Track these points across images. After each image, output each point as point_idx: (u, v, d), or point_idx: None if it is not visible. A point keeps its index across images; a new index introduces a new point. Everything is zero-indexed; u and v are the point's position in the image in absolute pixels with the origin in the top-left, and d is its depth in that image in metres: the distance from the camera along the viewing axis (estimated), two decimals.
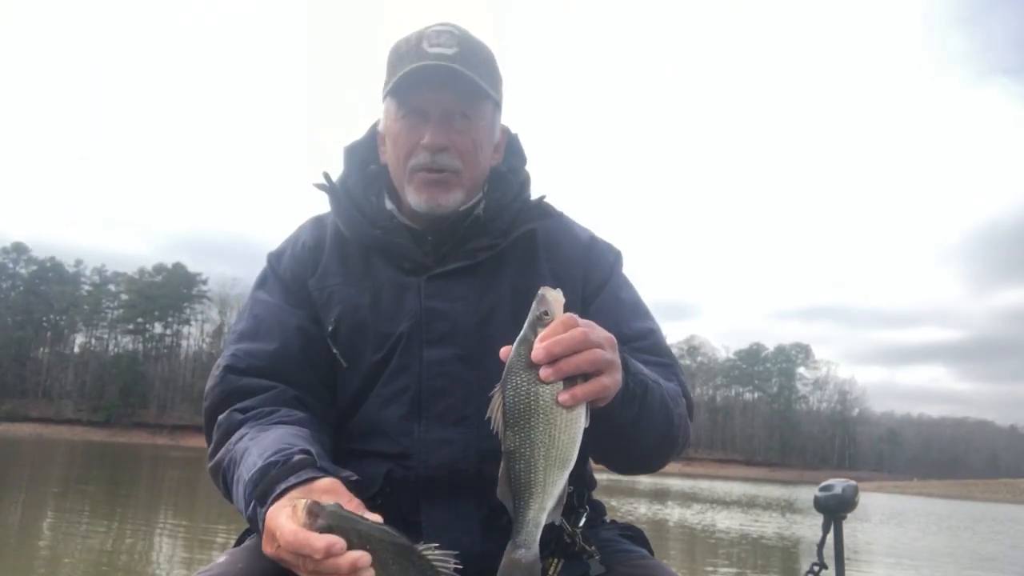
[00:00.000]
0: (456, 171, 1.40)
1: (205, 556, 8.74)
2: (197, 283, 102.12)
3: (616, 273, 1.53)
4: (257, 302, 1.46)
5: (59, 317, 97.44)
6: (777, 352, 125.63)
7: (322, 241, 1.49)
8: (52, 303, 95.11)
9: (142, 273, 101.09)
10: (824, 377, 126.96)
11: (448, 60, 1.36)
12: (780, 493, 40.11)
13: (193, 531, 11.42)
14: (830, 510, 1.94)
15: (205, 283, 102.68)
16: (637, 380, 1.21)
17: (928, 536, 18.69)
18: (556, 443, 1.03)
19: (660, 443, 1.34)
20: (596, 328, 1.09)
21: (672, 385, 1.37)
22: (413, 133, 1.39)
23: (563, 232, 1.52)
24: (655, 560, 1.41)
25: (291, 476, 1.10)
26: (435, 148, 1.38)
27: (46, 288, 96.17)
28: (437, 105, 1.38)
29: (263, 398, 1.33)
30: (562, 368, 1.02)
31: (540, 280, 1.40)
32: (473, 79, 1.36)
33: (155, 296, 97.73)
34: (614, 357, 1.11)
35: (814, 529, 10.77)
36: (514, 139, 1.55)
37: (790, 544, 15.14)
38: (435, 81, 1.36)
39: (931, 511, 32.62)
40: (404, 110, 1.40)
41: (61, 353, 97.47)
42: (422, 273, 1.41)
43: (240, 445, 1.24)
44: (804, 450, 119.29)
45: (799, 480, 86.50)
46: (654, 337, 1.47)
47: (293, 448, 1.16)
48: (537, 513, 1.05)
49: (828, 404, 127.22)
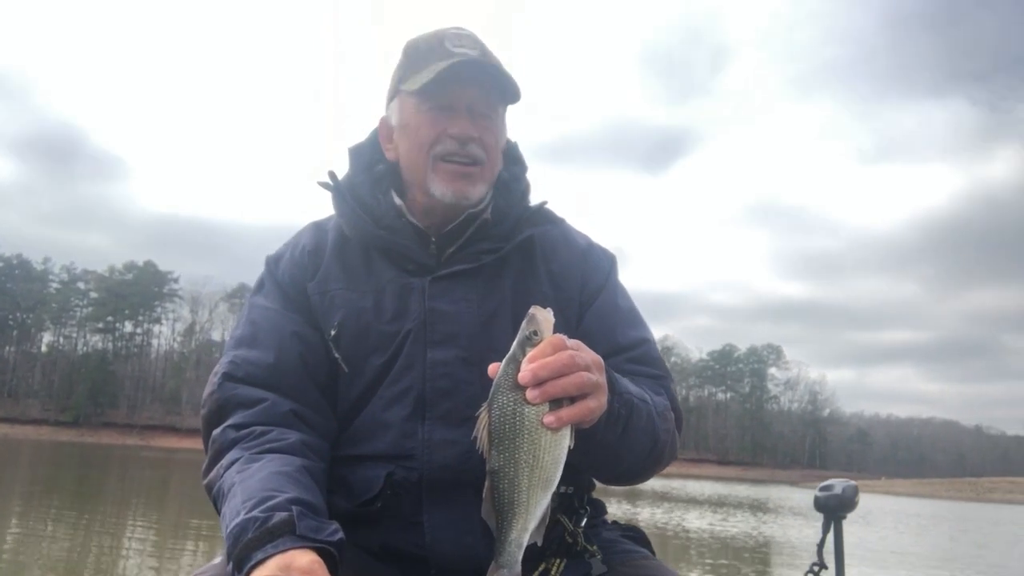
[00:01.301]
0: (482, 163, 1.42)
1: (175, 564, 8.64)
2: (168, 281, 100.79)
3: (612, 279, 1.55)
4: (254, 307, 1.46)
5: (26, 315, 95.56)
6: (749, 353, 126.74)
7: (322, 245, 1.50)
8: (19, 301, 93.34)
9: (112, 271, 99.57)
10: (795, 378, 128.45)
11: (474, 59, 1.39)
12: (751, 492, 40.54)
13: (163, 535, 11.28)
14: (830, 510, 1.93)
15: (176, 281, 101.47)
16: (623, 400, 1.23)
17: (897, 535, 19.00)
18: (540, 464, 1.04)
19: (645, 460, 1.35)
20: (584, 349, 1.10)
21: (661, 399, 1.39)
22: (437, 123, 1.40)
23: (561, 238, 1.54)
24: (657, 560, 1.43)
25: (267, 544, 1.07)
26: (465, 138, 1.40)
27: (12, 286, 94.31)
28: (463, 100, 1.40)
29: (258, 412, 1.33)
30: (548, 391, 1.03)
31: (539, 285, 1.46)
32: (506, 74, 1.40)
33: (125, 294, 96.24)
34: (600, 379, 1.11)
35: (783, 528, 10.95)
36: (514, 147, 1.57)
37: (760, 543, 15.35)
38: (465, 77, 1.39)
39: (898, 510, 33.16)
40: (428, 104, 1.41)
41: (28, 352, 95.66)
42: (425, 274, 1.42)
43: (228, 476, 1.24)
44: (775, 450, 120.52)
45: (770, 479, 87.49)
46: (646, 347, 1.49)
47: (277, 498, 1.14)
48: (520, 533, 1.06)
49: (799, 404, 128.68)
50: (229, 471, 1.25)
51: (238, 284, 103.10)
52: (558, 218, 1.56)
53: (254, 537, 1.08)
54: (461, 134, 1.40)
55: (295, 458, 1.27)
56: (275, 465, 1.23)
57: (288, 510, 1.12)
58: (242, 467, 1.24)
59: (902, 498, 54.81)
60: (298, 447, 1.30)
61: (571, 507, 1.42)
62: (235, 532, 1.11)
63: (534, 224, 1.49)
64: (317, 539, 1.10)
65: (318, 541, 1.09)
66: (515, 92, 1.44)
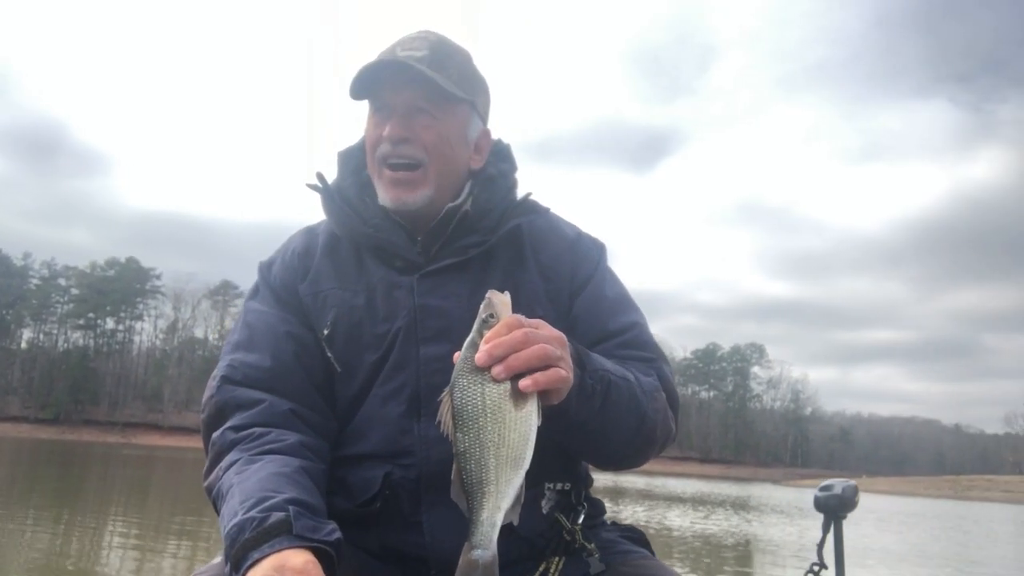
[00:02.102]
0: (419, 163, 1.42)
1: (155, 564, 8.60)
2: (151, 278, 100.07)
3: (601, 267, 1.55)
4: (250, 311, 1.49)
5: (6, 311, 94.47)
6: (732, 352, 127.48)
7: (313, 248, 1.52)
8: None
9: (93, 267, 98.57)
10: (778, 376, 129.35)
11: (415, 61, 1.40)
12: (733, 491, 40.81)
13: (145, 534, 11.20)
14: (830, 510, 1.93)
15: (159, 278, 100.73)
16: (597, 376, 1.23)
17: (881, 533, 19.19)
18: (506, 442, 1.05)
19: (634, 439, 1.35)
20: (544, 327, 1.11)
21: (650, 380, 1.39)
22: (378, 127, 1.43)
23: (550, 228, 1.55)
24: (657, 560, 1.44)
25: (264, 544, 1.08)
26: (395, 139, 1.41)
27: None
28: (400, 101, 1.42)
29: (257, 413, 1.35)
30: (512, 364, 1.04)
31: (528, 276, 1.47)
32: (429, 76, 1.39)
33: (107, 291, 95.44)
34: (563, 353, 1.12)
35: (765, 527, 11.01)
36: (505, 148, 1.59)
37: (741, 541, 15.45)
38: (396, 79, 1.41)
39: (878, 508, 33.48)
40: (373, 107, 1.45)
41: (7, 348, 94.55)
42: (414, 272, 1.43)
43: (227, 477, 1.25)
44: (758, 448, 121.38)
45: (753, 477, 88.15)
46: (637, 330, 1.49)
47: (274, 498, 1.15)
48: (492, 513, 1.05)
49: (781, 403, 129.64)
50: (228, 472, 1.26)
51: (221, 281, 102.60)
52: (544, 208, 1.56)
53: (251, 537, 1.09)
54: (391, 135, 1.41)
55: (294, 459, 1.28)
56: (273, 466, 1.24)
57: (285, 510, 1.13)
58: (241, 468, 1.25)
59: (883, 496, 55.33)
60: (297, 448, 1.31)
61: (568, 505, 1.43)
62: (232, 532, 1.12)
63: (519, 215, 1.49)
64: (314, 539, 1.10)
65: (315, 541, 1.10)
66: (441, 90, 1.40)
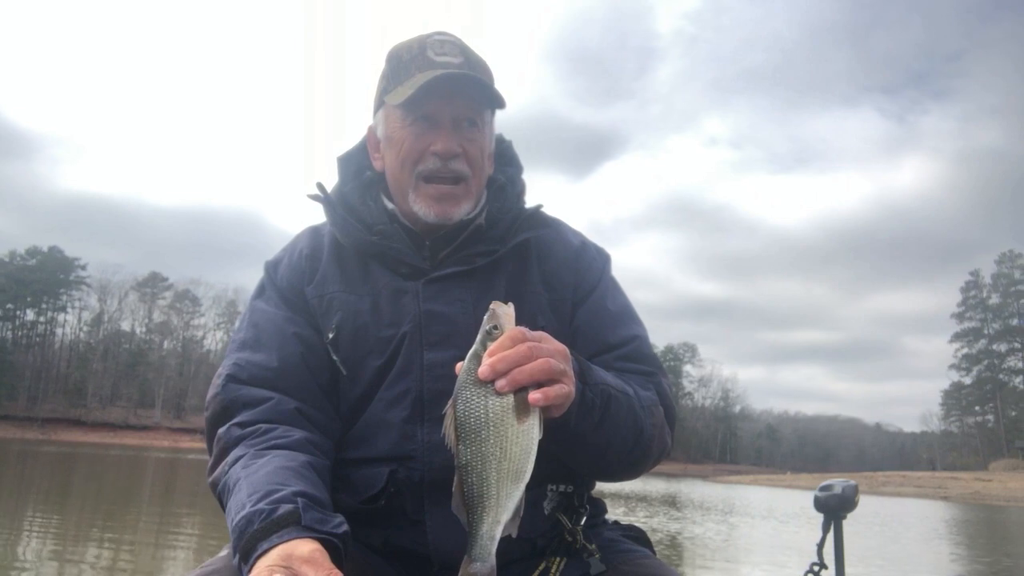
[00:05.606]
0: (466, 178, 1.43)
1: (76, 569, 8.40)
2: (75, 268, 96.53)
3: (605, 278, 1.56)
4: (256, 311, 1.50)
5: None
6: (666, 351, 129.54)
7: (319, 249, 1.52)
8: None
9: (13, 256, 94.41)
10: (709, 375, 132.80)
11: (456, 68, 1.40)
12: (664, 487, 41.67)
13: (64, 535, 10.88)
14: (830, 510, 1.92)
15: (84, 268, 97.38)
16: (597, 390, 1.25)
17: (804, 530, 19.77)
18: (508, 455, 1.05)
19: (631, 453, 1.36)
20: (547, 340, 1.12)
21: (648, 394, 1.40)
22: (421, 139, 1.41)
23: (555, 238, 1.56)
24: (658, 560, 1.46)
25: (273, 535, 1.09)
26: (448, 155, 1.41)
27: None
28: (447, 112, 1.41)
29: (263, 410, 1.36)
30: (516, 378, 1.05)
31: (533, 286, 1.48)
32: (487, 85, 1.41)
33: (28, 280, 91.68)
34: (566, 367, 1.13)
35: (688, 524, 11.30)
36: (508, 146, 1.59)
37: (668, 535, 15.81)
38: (447, 89, 1.39)
39: (804, 503, 34.60)
40: (412, 116, 1.42)
41: None
42: (419, 277, 1.44)
43: (233, 472, 1.27)
44: (688, 444, 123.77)
45: (683, 473, 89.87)
46: (637, 343, 1.50)
47: (282, 491, 1.17)
48: (492, 526, 1.06)
49: (712, 401, 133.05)
50: (234, 467, 1.28)
51: (150, 273, 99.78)
52: (553, 220, 1.59)
53: (259, 528, 1.11)
54: (444, 151, 1.41)
55: (300, 454, 1.30)
56: (280, 460, 1.26)
57: (293, 502, 1.14)
58: (247, 463, 1.27)
59: (806, 492, 57.13)
60: (303, 444, 1.33)
61: (571, 506, 1.45)
62: (241, 524, 1.13)
63: (529, 228, 1.51)
64: (322, 531, 1.12)
65: (323, 532, 1.12)
66: (499, 100, 1.45)
